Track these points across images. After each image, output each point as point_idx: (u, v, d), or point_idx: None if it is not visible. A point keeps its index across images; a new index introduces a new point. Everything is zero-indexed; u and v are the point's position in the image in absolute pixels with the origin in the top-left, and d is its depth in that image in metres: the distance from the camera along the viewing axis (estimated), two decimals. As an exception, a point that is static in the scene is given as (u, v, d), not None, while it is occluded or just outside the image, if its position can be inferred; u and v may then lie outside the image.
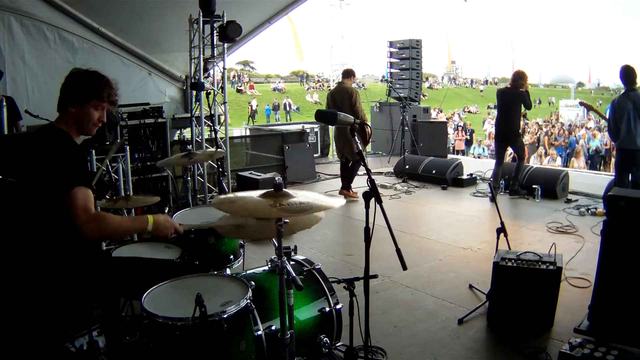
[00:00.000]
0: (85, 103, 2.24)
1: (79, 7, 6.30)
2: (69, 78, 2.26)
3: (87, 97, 2.24)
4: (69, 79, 2.26)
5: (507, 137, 6.77)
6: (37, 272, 2.19)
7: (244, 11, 7.00)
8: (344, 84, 6.84)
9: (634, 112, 5.20)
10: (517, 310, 3.24)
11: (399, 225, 5.65)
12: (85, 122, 2.28)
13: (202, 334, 1.94)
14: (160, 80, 7.69)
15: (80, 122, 2.27)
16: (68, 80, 2.26)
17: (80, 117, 2.26)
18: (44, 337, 2.23)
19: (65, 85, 2.25)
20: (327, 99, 7.04)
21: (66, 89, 2.25)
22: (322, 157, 10.77)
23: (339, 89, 6.84)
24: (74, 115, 2.25)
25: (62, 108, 2.26)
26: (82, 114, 2.25)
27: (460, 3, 75.91)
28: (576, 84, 52.14)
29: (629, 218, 2.88)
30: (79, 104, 2.23)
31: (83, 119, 2.27)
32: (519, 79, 6.62)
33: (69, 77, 2.26)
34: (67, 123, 2.26)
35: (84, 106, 2.24)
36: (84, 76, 2.26)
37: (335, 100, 6.69)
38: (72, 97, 2.23)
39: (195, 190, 6.30)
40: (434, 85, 44.82)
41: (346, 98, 6.57)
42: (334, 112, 2.31)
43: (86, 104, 2.24)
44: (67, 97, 2.24)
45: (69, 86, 2.25)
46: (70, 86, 2.24)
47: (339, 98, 6.66)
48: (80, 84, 2.24)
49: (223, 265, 3.19)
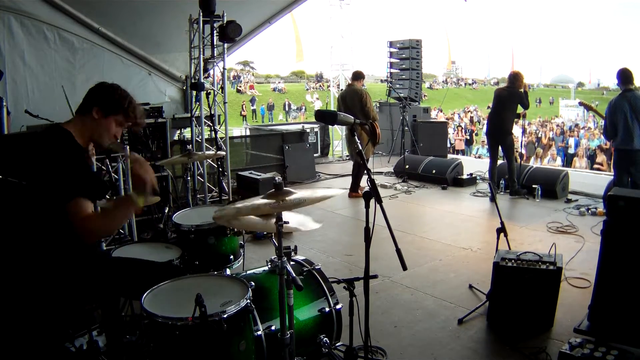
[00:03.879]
0: (111, 114, 2.28)
1: (79, 7, 6.30)
2: (104, 87, 2.31)
3: (115, 110, 2.29)
4: (103, 87, 2.31)
5: (497, 135, 6.79)
6: (37, 272, 2.19)
7: (244, 11, 7.00)
8: (353, 85, 6.98)
9: (631, 113, 5.22)
10: (517, 310, 3.24)
11: (399, 225, 5.66)
12: (102, 131, 2.31)
13: (202, 334, 1.94)
14: (160, 80, 7.69)
15: (96, 129, 2.30)
16: (103, 88, 2.30)
17: (100, 125, 2.29)
18: (44, 337, 2.23)
19: (97, 91, 2.29)
20: (338, 101, 7.21)
21: (98, 95, 2.29)
22: (322, 157, 10.78)
23: (349, 90, 6.96)
24: (93, 121, 2.27)
25: (84, 110, 2.28)
26: (102, 123, 2.28)
27: (460, 3, 75.89)
28: (576, 84, 52.15)
29: (629, 218, 2.88)
30: (104, 112, 2.27)
31: (101, 128, 2.30)
32: (515, 80, 6.70)
33: (104, 86, 2.31)
34: (80, 126, 2.27)
35: (108, 116, 2.28)
36: (120, 92, 2.32)
37: (346, 102, 6.82)
38: (102, 103, 2.27)
39: (195, 190, 6.30)
40: (434, 86, 44.84)
41: (357, 100, 6.72)
42: (334, 112, 2.32)
43: (111, 115, 2.29)
44: (96, 102, 2.27)
45: (102, 93, 2.29)
46: (103, 93, 2.29)
47: (349, 100, 6.80)
48: (114, 95, 2.30)
49: (223, 265, 3.20)
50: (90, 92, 2.30)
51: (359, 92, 6.77)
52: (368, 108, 6.69)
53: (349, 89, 7.06)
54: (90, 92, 2.30)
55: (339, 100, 7.18)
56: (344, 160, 10.59)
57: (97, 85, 2.32)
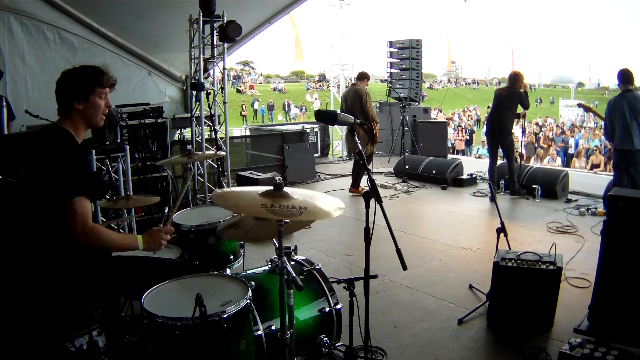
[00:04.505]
0: (90, 94, 2.24)
1: (79, 7, 6.31)
2: (65, 78, 2.25)
3: (89, 88, 2.24)
4: (64, 78, 2.25)
5: (497, 135, 6.79)
6: (37, 272, 2.19)
7: (244, 11, 7.00)
8: (356, 85, 7.12)
9: (630, 113, 5.21)
10: (517, 310, 3.24)
11: (399, 225, 5.66)
12: (94, 114, 2.28)
13: (202, 334, 1.94)
14: (160, 80, 7.70)
15: (89, 116, 2.27)
16: (64, 80, 2.25)
17: (89, 110, 2.26)
18: (44, 337, 2.23)
19: (62, 85, 2.24)
20: (341, 100, 7.46)
21: (65, 88, 2.24)
22: (322, 157, 10.77)
23: (351, 90, 7.12)
24: (81, 112, 2.24)
25: (65, 109, 2.25)
26: (89, 107, 2.25)
27: (460, 3, 75.91)
28: (576, 84, 52.15)
29: (629, 218, 2.88)
30: (84, 97, 2.23)
31: (91, 112, 2.27)
32: (516, 80, 6.73)
33: (64, 78, 2.25)
34: (73, 122, 2.25)
35: (89, 98, 2.24)
36: (78, 71, 2.26)
37: (347, 101, 7.03)
38: (75, 93, 2.22)
39: (195, 190, 6.30)
40: (434, 86, 44.82)
41: (357, 100, 6.88)
42: (334, 112, 2.33)
43: (91, 94, 2.24)
44: (70, 95, 2.22)
45: (67, 85, 2.24)
46: (68, 84, 2.23)
47: (350, 100, 6.99)
48: (77, 78, 2.24)
49: (223, 265, 3.20)
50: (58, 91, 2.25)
51: (360, 92, 6.90)
52: (367, 108, 6.83)
53: (351, 88, 7.21)
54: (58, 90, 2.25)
55: (341, 99, 7.38)
56: (344, 160, 10.58)
57: (58, 82, 2.27)
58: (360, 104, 6.82)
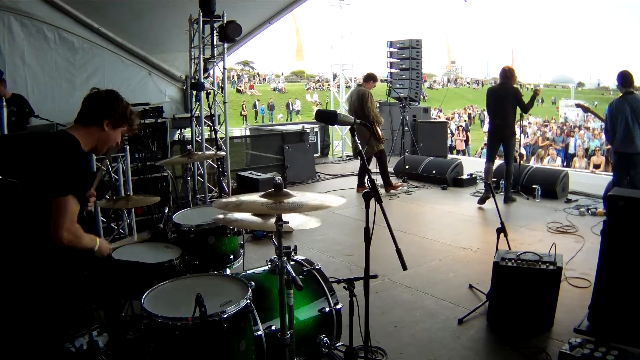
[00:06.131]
0: (120, 125, 2.38)
1: (79, 7, 6.30)
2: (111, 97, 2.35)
3: (123, 121, 2.38)
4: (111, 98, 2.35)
5: (502, 135, 6.54)
6: (37, 272, 2.20)
7: (244, 11, 7.00)
8: (361, 86, 7.26)
9: (632, 116, 5.20)
10: (517, 310, 3.24)
11: (399, 225, 5.65)
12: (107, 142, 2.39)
13: (202, 334, 1.94)
14: (160, 80, 7.69)
15: (103, 139, 2.36)
16: (110, 99, 2.35)
17: (109, 136, 2.36)
18: (44, 337, 2.23)
19: (105, 102, 2.34)
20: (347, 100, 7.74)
21: (106, 106, 2.33)
22: (322, 157, 10.77)
23: (356, 91, 7.30)
24: (102, 132, 2.33)
25: (92, 120, 2.31)
26: (110, 134, 2.36)
27: (460, 3, 75.86)
28: (576, 84, 52.16)
29: (629, 218, 2.88)
30: (114, 125, 2.35)
31: (109, 139, 2.38)
32: (510, 75, 6.49)
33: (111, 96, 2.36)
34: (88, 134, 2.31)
35: (117, 128, 2.37)
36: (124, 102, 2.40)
37: (351, 101, 7.24)
38: (112, 116, 2.34)
39: (195, 190, 6.29)
40: (434, 86, 44.80)
41: (359, 100, 7.06)
42: (334, 112, 2.33)
43: (121, 126, 2.38)
44: (106, 115, 2.32)
45: (110, 105, 2.34)
46: (111, 105, 2.34)
47: (353, 100, 7.19)
48: (121, 107, 2.37)
49: (223, 265, 3.19)
50: (95, 103, 2.33)
51: (362, 93, 7.03)
52: (368, 108, 6.94)
53: (356, 88, 7.38)
54: (96, 102, 2.33)
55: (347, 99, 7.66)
56: (344, 161, 10.59)
57: (100, 96, 2.35)
58: (361, 104, 6.94)
